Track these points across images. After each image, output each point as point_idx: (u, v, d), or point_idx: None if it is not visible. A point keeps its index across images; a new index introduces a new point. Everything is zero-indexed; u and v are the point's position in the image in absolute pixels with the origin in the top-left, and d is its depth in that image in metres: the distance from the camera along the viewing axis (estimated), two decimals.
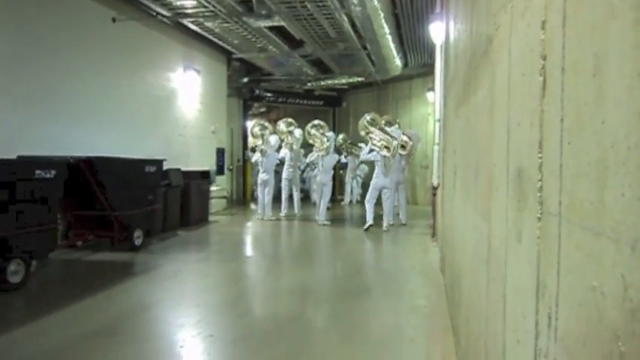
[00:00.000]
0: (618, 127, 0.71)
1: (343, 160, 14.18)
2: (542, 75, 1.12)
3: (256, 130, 11.07)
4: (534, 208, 1.16)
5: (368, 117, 9.67)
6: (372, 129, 9.50)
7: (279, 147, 11.31)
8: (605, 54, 0.75)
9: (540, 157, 1.12)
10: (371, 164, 11.32)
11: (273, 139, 11.21)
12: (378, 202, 9.55)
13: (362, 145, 12.15)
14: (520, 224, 1.35)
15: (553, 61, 1.04)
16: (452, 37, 5.12)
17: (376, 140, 9.39)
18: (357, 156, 13.44)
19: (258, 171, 11.63)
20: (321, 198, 10.43)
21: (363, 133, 9.65)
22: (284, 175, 11.36)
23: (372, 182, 9.61)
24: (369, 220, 9.39)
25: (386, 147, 9.25)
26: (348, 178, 14.91)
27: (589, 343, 0.78)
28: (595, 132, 0.79)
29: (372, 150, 9.55)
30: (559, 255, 0.96)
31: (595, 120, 0.79)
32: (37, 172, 5.27)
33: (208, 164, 11.93)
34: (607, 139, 0.74)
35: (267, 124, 11.38)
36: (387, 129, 9.75)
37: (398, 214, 10.45)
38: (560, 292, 0.95)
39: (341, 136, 14.37)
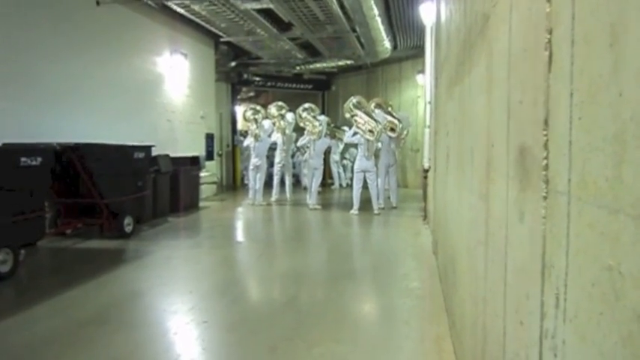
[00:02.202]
0: (638, 98, 0.67)
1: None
2: (547, 49, 1.09)
3: (249, 114, 10.92)
4: (539, 187, 1.13)
5: (354, 100, 9.68)
6: (357, 112, 9.47)
7: (271, 131, 11.21)
8: (625, 23, 0.71)
9: (546, 135, 1.09)
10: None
11: (267, 124, 11.08)
12: (367, 186, 9.55)
13: (345, 128, 12.11)
14: (522, 204, 1.32)
15: (561, 34, 1.00)
16: (443, 18, 5.06)
17: (361, 123, 9.37)
18: (341, 139, 13.41)
19: (248, 156, 11.49)
20: (312, 182, 10.40)
21: (348, 115, 9.66)
22: (277, 159, 11.26)
23: (355, 166, 9.64)
24: (355, 209, 9.40)
25: (370, 131, 9.23)
26: (332, 162, 14.88)
27: (604, 323, 0.76)
28: (611, 105, 0.75)
29: (356, 133, 9.53)
30: (568, 234, 0.94)
31: (611, 93, 0.75)
32: (23, 159, 5.16)
33: (197, 150, 11.80)
34: (625, 112, 0.71)
35: (259, 107, 11.22)
36: (372, 113, 9.72)
37: (389, 197, 10.46)
38: (570, 272, 0.92)
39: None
